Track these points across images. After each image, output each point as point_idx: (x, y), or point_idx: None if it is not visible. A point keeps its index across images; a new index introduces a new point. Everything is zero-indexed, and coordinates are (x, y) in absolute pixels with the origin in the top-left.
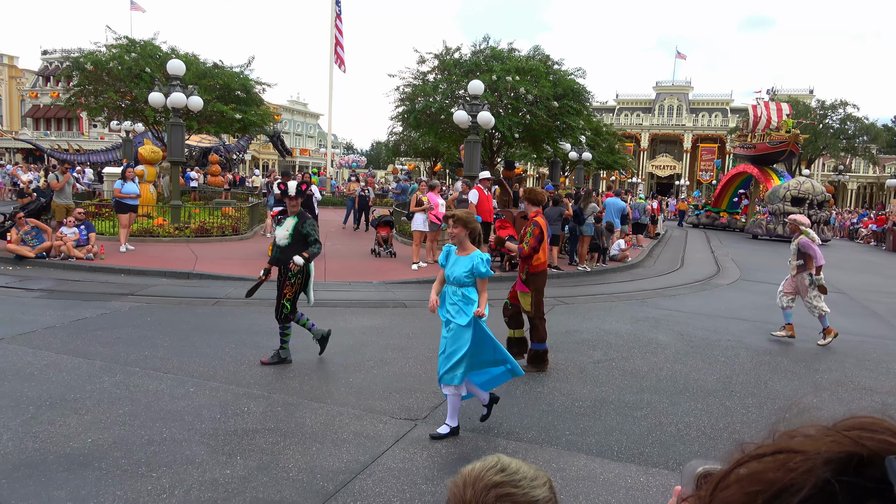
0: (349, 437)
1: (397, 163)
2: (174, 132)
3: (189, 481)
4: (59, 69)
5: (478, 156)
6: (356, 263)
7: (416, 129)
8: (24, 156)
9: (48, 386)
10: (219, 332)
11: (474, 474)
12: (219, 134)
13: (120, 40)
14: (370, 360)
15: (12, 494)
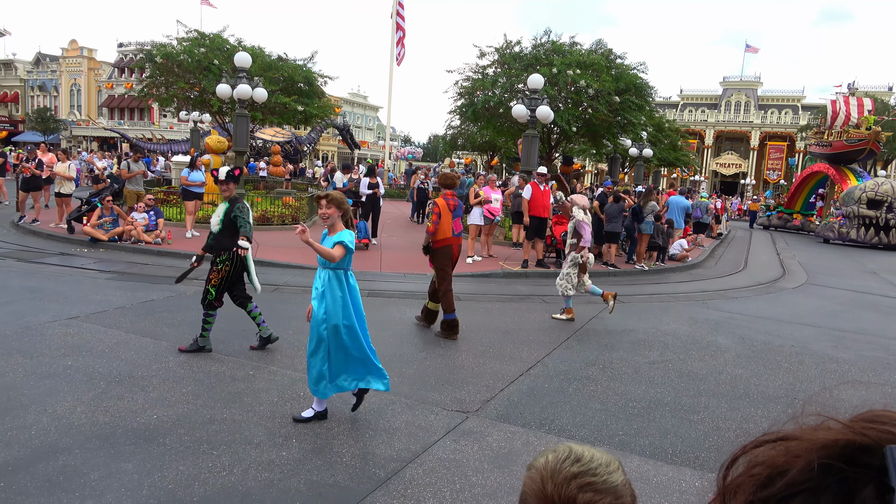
0: (401, 426)
1: (454, 156)
2: (239, 123)
3: (247, 460)
4: (133, 61)
5: (535, 150)
6: (411, 255)
7: (474, 123)
8: (100, 144)
9: (118, 363)
10: (278, 318)
11: (550, 467)
12: (291, 126)
13: (190, 33)
14: (423, 351)
15: (85, 464)
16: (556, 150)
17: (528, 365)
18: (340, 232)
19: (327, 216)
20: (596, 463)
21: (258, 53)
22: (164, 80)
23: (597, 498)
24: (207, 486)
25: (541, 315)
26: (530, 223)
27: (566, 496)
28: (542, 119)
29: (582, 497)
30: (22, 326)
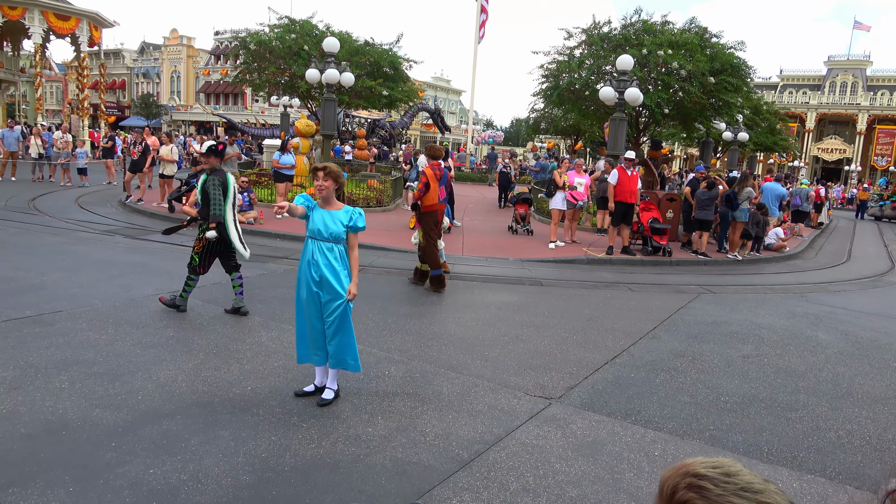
0: (484, 409)
1: (537, 140)
2: (327, 107)
3: (335, 434)
4: (228, 49)
5: (622, 134)
6: (493, 239)
7: (558, 106)
8: (197, 128)
9: (214, 336)
10: (362, 297)
11: (687, 462)
12: (376, 110)
13: (282, 20)
14: (506, 335)
15: (186, 429)
16: (643, 134)
17: (613, 353)
18: (346, 208)
19: (323, 188)
20: (734, 480)
21: (345, 38)
22: (256, 66)
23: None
24: (298, 457)
25: (627, 303)
26: (616, 209)
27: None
28: (630, 102)
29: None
30: (130, 298)
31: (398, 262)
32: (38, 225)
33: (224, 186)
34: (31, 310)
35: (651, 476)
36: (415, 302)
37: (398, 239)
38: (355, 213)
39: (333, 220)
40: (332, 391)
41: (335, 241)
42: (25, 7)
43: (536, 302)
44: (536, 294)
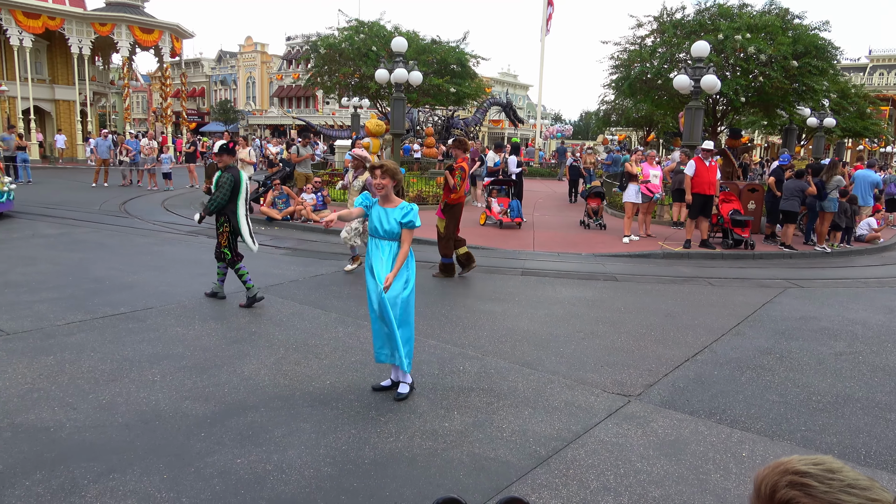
0: (560, 406)
1: (607, 133)
2: (396, 106)
3: (412, 429)
4: (299, 53)
5: (699, 124)
6: (565, 234)
7: (629, 97)
8: (272, 131)
9: (293, 332)
10: (435, 294)
11: (784, 460)
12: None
13: (350, 23)
14: (580, 331)
15: (270, 421)
16: (721, 123)
17: (694, 350)
18: (402, 205)
19: (382, 186)
20: (837, 477)
21: (413, 38)
22: (327, 69)
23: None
24: (377, 450)
25: (707, 298)
26: (694, 201)
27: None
28: (707, 89)
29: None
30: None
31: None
32: (129, 227)
33: (236, 183)
34: (125, 307)
35: (739, 478)
36: (487, 298)
37: (467, 235)
38: (410, 211)
39: (389, 218)
40: (407, 385)
41: (391, 238)
42: (114, 23)
43: (611, 297)
44: (611, 289)
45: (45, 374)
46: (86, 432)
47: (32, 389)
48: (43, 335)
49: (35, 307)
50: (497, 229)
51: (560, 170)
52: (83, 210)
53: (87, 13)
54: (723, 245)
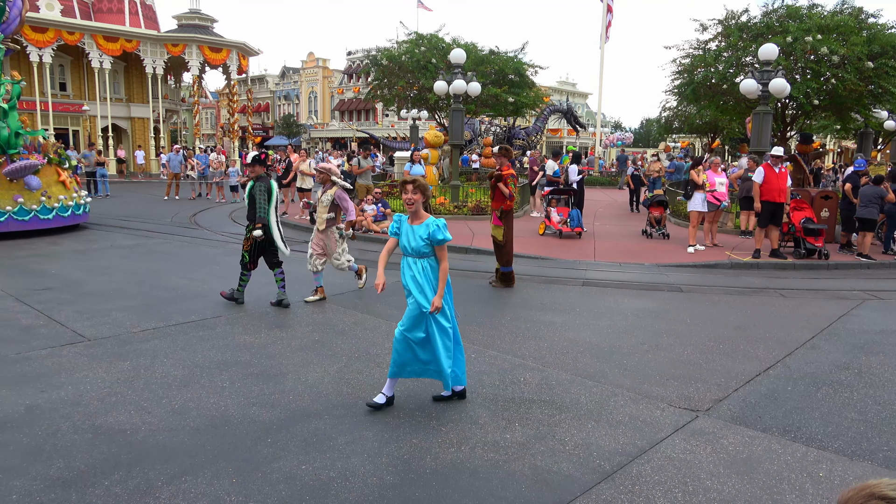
0: (625, 420)
1: (669, 140)
2: (454, 117)
3: (473, 439)
4: (359, 67)
5: (767, 129)
6: (626, 244)
7: (693, 103)
8: (333, 143)
9: (356, 341)
10: (494, 304)
11: (871, 483)
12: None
13: (410, 36)
14: (644, 343)
15: (333, 429)
16: (791, 128)
17: (766, 364)
18: (427, 222)
19: (412, 202)
20: None
21: (471, 49)
22: (386, 82)
23: None
24: (438, 460)
25: (779, 310)
26: (763, 209)
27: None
28: (775, 94)
29: None
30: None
31: (527, 268)
32: (199, 238)
33: (269, 192)
34: (196, 315)
35: (816, 499)
36: (547, 308)
37: (526, 245)
38: (433, 226)
39: (415, 235)
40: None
41: (419, 255)
42: (185, 43)
43: (677, 309)
44: (676, 300)
45: (122, 379)
46: (159, 435)
47: (111, 393)
48: (120, 341)
49: (113, 315)
50: (556, 239)
51: (620, 178)
52: (156, 222)
53: (160, 35)
54: (795, 255)
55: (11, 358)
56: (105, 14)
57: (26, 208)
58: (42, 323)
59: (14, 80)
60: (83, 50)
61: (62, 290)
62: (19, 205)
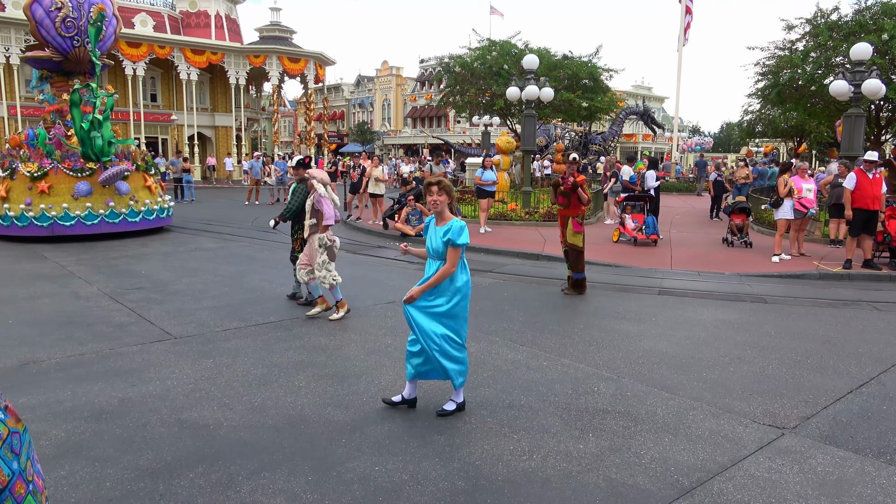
0: (704, 435)
1: (751, 144)
2: (526, 123)
3: (545, 449)
4: (432, 74)
5: (860, 132)
6: (706, 252)
7: (777, 105)
8: (405, 150)
9: None
10: (567, 311)
11: None
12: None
13: (482, 42)
14: (725, 356)
15: (405, 432)
16: (886, 131)
17: (859, 381)
18: (449, 223)
19: (438, 203)
20: None
21: (544, 54)
22: (458, 89)
23: None
24: (510, 468)
25: (873, 324)
26: (855, 217)
27: None
28: (869, 95)
29: None
30: (352, 307)
31: (600, 275)
32: (277, 242)
33: (306, 194)
34: (274, 316)
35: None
36: (622, 317)
37: (599, 252)
38: (450, 229)
39: (437, 236)
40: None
41: (440, 257)
42: (266, 55)
43: (760, 320)
44: (759, 312)
45: (206, 376)
46: (240, 431)
47: (195, 389)
48: (204, 340)
49: (198, 314)
50: (631, 246)
51: (699, 184)
52: (237, 226)
53: (243, 47)
54: (890, 266)
55: (106, 353)
56: (193, 28)
57: (116, 211)
58: (133, 321)
59: (108, 93)
60: (172, 63)
61: (152, 290)
62: (110, 208)
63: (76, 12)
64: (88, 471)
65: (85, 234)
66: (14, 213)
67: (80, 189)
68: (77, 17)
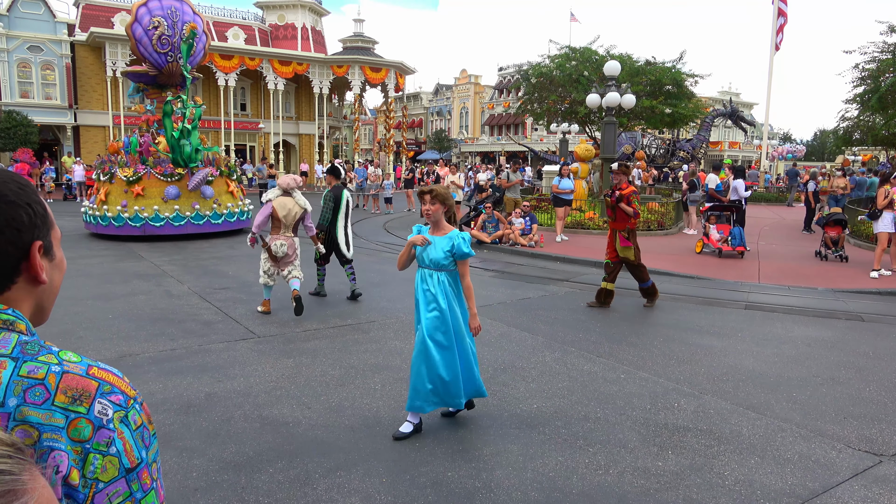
0: (793, 458)
1: (848, 153)
2: (607, 130)
3: (622, 464)
4: (510, 82)
5: None
6: (797, 266)
7: (878, 112)
8: (482, 157)
9: (501, 353)
10: (646, 324)
11: None
12: (656, 130)
13: (562, 50)
14: (818, 376)
15: (477, 439)
16: None
17: None
18: (450, 235)
19: (430, 213)
20: None
21: (625, 60)
22: (537, 97)
23: None
24: (585, 482)
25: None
26: None
27: None
28: None
29: None
30: None
31: (682, 287)
32: (356, 247)
33: (336, 200)
34: (352, 319)
35: None
36: (704, 331)
37: (680, 263)
38: (458, 239)
39: (434, 246)
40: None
41: (437, 268)
42: (349, 64)
43: (856, 339)
44: (856, 330)
45: (286, 375)
46: (318, 430)
47: (276, 387)
48: (285, 339)
49: (279, 314)
50: (715, 258)
51: (790, 194)
52: None
53: (327, 57)
54: None
55: (194, 349)
56: (281, 41)
57: (201, 214)
58: (220, 319)
59: (197, 105)
60: (261, 73)
61: (237, 290)
62: (195, 211)
63: (171, 30)
64: (177, 461)
65: (172, 235)
66: (112, 213)
67: (170, 193)
68: (171, 35)
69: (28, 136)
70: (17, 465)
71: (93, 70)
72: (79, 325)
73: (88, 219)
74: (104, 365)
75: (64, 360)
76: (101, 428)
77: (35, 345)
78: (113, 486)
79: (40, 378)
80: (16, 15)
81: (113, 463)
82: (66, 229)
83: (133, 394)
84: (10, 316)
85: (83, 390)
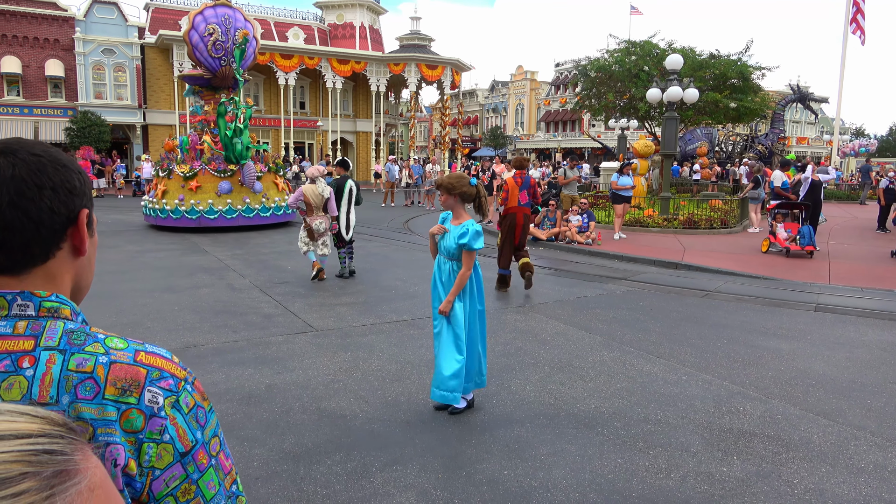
0: (868, 468)
1: None
2: (668, 125)
3: (684, 468)
4: (567, 78)
5: None
6: (871, 267)
7: None
8: (537, 154)
9: (557, 352)
10: (709, 324)
11: None
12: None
13: (621, 45)
14: (894, 382)
15: (535, 438)
16: None
17: None
18: (463, 224)
19: (443, 203)
20: None
21: (687, 54)
22: (595, 92)
23: None
24: (645, 485)
25: None
26: None
27: None
28: None
29: None
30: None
31: (747, 287)
32: (411, 243)
33: (339, 189)
34: (408, 314)
35: None
36: (771, 333)
37: (745, 263)
38: (468, 231)
39: (451, 237)
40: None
41: (449, 257)
42: (405, 62)
43: None
44: None
45: (344, 368)
46: (374, 423)
47: (334, 380)
48: (342, 334)
49: (337, 309)
50: (783, 258)
51: (863, 192)
52: (375, 227)
53: (384, 56)
54: None
55: (255, 341)
56: (339, 40)
57: (251, 207)
58: (280, 312)
59: (248, 105)
60: (320, 72)
61: (296, 284)
62: (246, 204)
63: (224, 37)
64: (239, 450)
65: (224, 227)
66: (170, 206)
67: (223, 187)
68: (225, 41)
69: (101, 135)
70: (70, 445)
71: (161, 71)
72: (147, 316)
73: (148, 211)
74: (152, 347)
75: (111, 347)
76: (152, 416)
77: (81, 333)
78: (169, 471)
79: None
80: (91, 20)
81: (167, 450)
82: (129, 223)
83: (183, 374)
84: (55, 302)
85: (132, 380)
